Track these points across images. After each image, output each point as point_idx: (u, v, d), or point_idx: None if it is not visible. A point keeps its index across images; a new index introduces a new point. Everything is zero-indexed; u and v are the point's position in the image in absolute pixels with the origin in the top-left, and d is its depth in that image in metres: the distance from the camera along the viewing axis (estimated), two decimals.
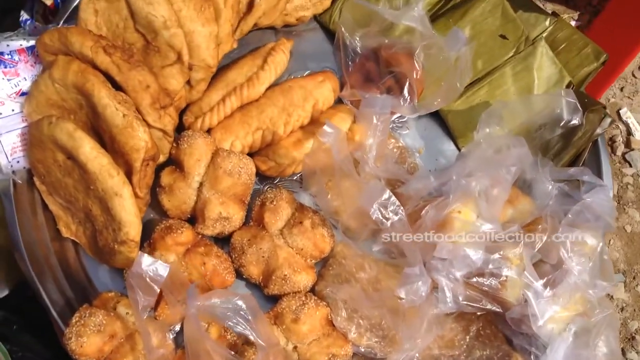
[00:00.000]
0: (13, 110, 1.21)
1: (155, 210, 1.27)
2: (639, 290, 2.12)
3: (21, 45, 1.21)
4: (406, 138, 1.39)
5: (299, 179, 1.33)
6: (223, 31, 1.28)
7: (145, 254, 1.04)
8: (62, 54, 1.16)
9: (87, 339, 1.06)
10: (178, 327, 1.17)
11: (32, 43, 1.21)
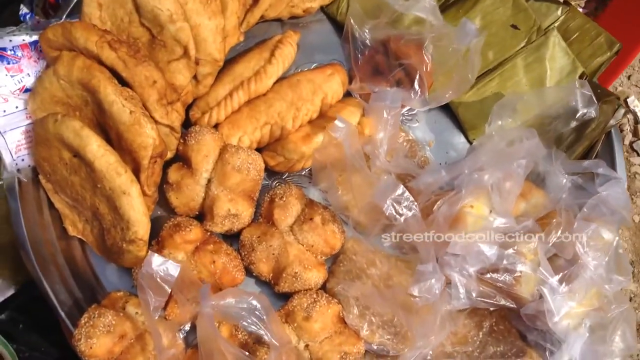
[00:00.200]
0: (17, 107, 1.19)
1: (163, 208, 1.25)
2: None
3: (24, 40, 1.18)
4: (416, 131, 1.37)
5: (308, 174, 1.31)
6: (229, 24, 1.26)
7: (156, 253, 1.02)
8: (66, 50, 1.14)
9: (97, 340, 1.05)
10: (188, 326, 1.15)
11: (35, 38, 1.19)
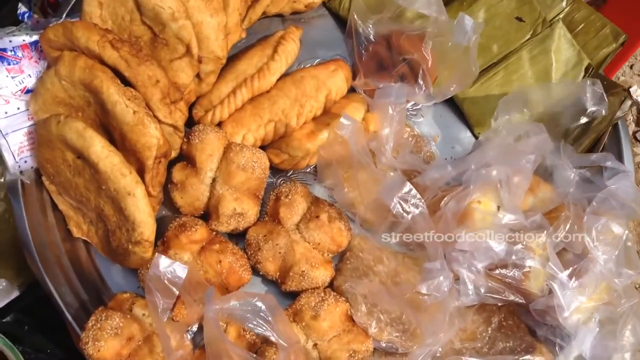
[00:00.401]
0: (19, 108, 1.18)
1: (168, 207, 1.24)
2: None
3: (24, 40, 1.17)
4: (421, 126, 1.36)
5: (313, 171, 1.30)
6: (231, 21, 1.25)
7: (163, 255, 1.01)
8: (67, 50, 1.13)
9: (105, 343, 1.04)
10: (195, 327, 1.15)
11: (35, 38, 1.17)
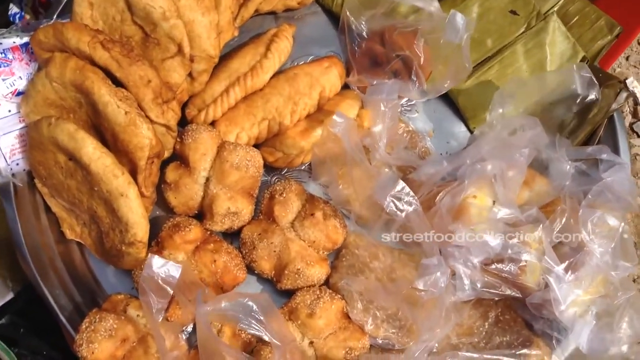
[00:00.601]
0: (10, 111, 1.17)
1: (162, 208, 1.24)
2: None
3: (14, 42, 1.16)
4: (416, 121, 1.36)
5: (307, 168, 1.30)
6: (223, 19, 1.24)
7: (156, 255, 1.01)
8: (58, 51, 1.12)
9: (99, 345, 1.04)
10: (190, 327, 1.15)
11: (25, 40, 1.17)
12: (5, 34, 1.18)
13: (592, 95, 1.23)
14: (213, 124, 1.24)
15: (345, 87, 1.33)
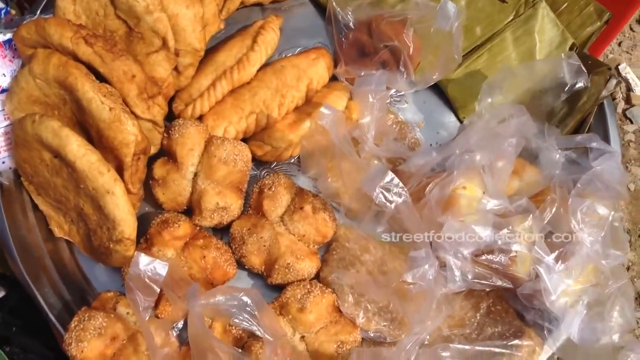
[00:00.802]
0: None
1: (150, 204, 1.23)
2: None
3: None
4: (405, 112, 1.35)
5: (297, 162, 1.29)
6: (208, 12, 1.23)
7: (142, 253, 0.99)
8: (41, 47, 1.11)
9: (88, 344, 1.03)
10: (181, 324, 1.14)
11: (9, 36, 1.16)
12: None
13: (581, 83, 1.22)
14: (200, 118, 1.24)
15: (334, 78, 1.32)
